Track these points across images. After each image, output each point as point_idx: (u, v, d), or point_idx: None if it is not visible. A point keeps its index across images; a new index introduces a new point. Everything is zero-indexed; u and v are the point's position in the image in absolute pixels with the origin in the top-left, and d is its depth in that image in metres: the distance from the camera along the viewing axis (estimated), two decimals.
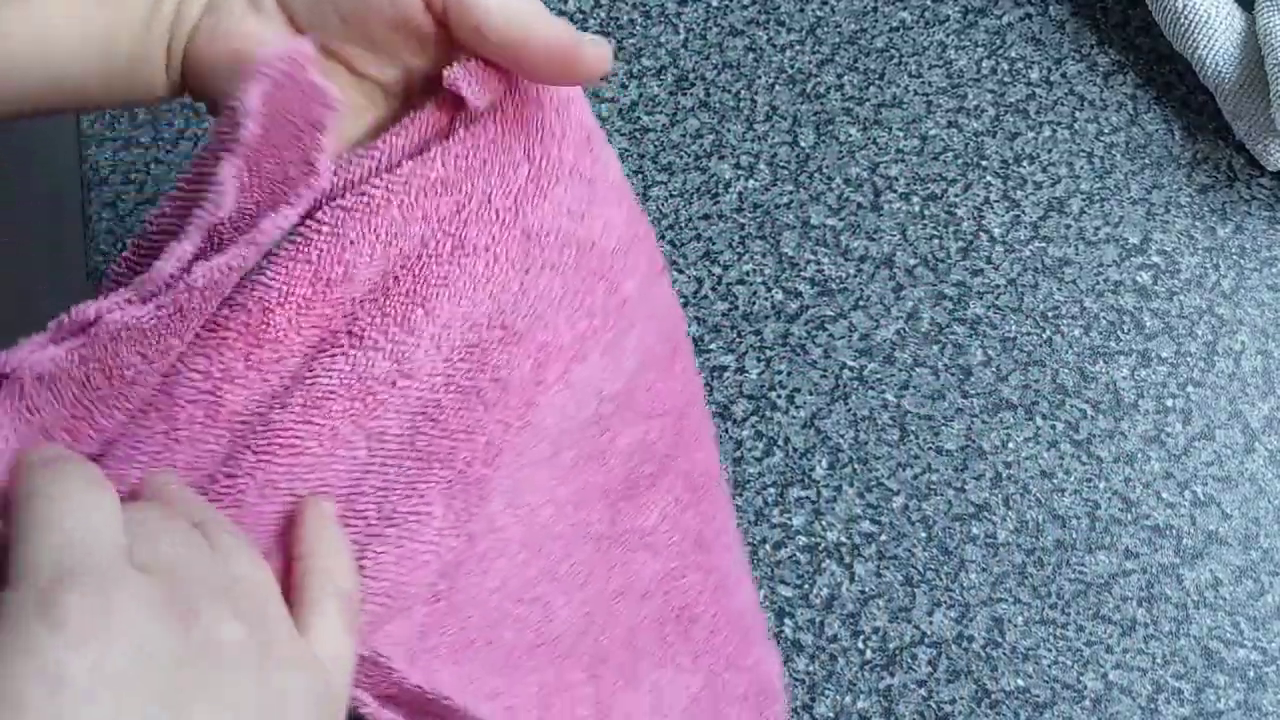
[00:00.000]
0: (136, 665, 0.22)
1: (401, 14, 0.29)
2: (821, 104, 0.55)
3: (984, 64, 0.56)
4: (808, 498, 0.48)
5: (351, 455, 0.28)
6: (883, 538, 0.47)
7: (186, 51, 0.30)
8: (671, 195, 0.54)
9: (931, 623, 0.46)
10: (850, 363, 0.50)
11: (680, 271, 0.52)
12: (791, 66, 0.56)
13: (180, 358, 0.28)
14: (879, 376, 0.50)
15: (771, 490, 0.48)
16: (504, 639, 0.30)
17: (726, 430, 0.49)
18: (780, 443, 0.49)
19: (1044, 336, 0.50)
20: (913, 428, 0.49)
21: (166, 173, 0.56)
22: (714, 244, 0.53)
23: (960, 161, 0.54)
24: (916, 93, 0.55)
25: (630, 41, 0.57)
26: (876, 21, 0.57)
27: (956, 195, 0.53)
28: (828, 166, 0.54)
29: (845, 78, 0.56)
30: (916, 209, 0.53)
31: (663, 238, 0.53)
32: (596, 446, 0.32)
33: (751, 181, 0.54)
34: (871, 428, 0.49)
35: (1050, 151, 0.54)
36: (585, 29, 0.57)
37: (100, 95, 0.31)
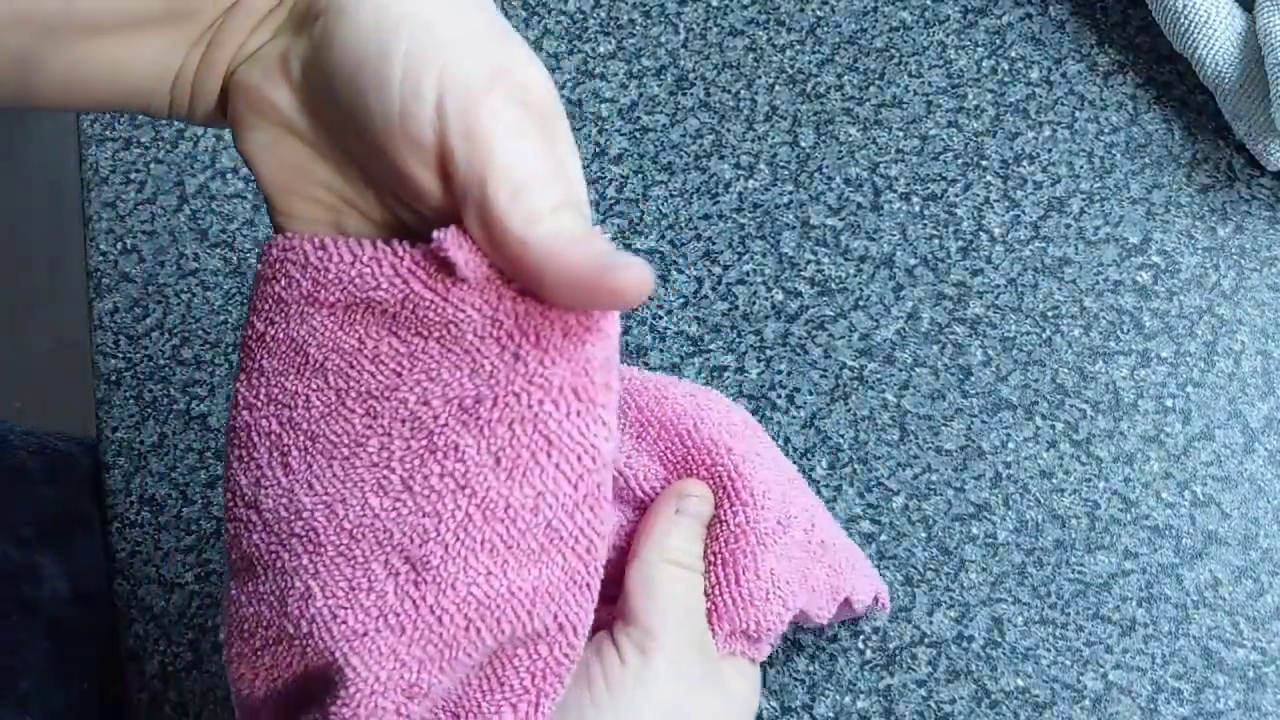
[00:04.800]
0: None
1: (408, 170, 0.28)
2: (821, 104, 0.55)
3: (984, 64, 0.56)
4: None
5: None
6: (883, 538, 0.47)
7: (225, 88, 0.31)
8: (671, 195, 0.54)
9: (931, 623, 0.46)
10: (850, 363, 0.50)
11: (680, 271, 0.52)
12: (791, 66, 0.56)
13: None
14: (879, 376, 0.50)
15: None
16: None
17: None
18: (780, 443, 0.49)
19: (1044, 336, 0.50)
20: (913, 428, 0.49)
21: (166, 172, 0.56)
22: (714, 244, 0.53)
23: (960, 161, 0.54)
24: (916, 93, 0.55)
25: (630, 41, 0.57)
26: (876, 21, 0.57)
27: (956, 195, 0.53)
28: (828, 166, 0.54)
29: (845, 78, 0.56)
30: (916, 209, 0.53)
31: (663, 237, 0.53)
32: None
33: (751, 181, 0.54)
34: (871, 428, 0.49)
35: (1050, 151, 0.54)
36: (585, 29, 0.57)
37: (157, 114, 0.32)
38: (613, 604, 0.36)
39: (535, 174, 0.27)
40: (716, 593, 0.35)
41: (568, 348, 0.29)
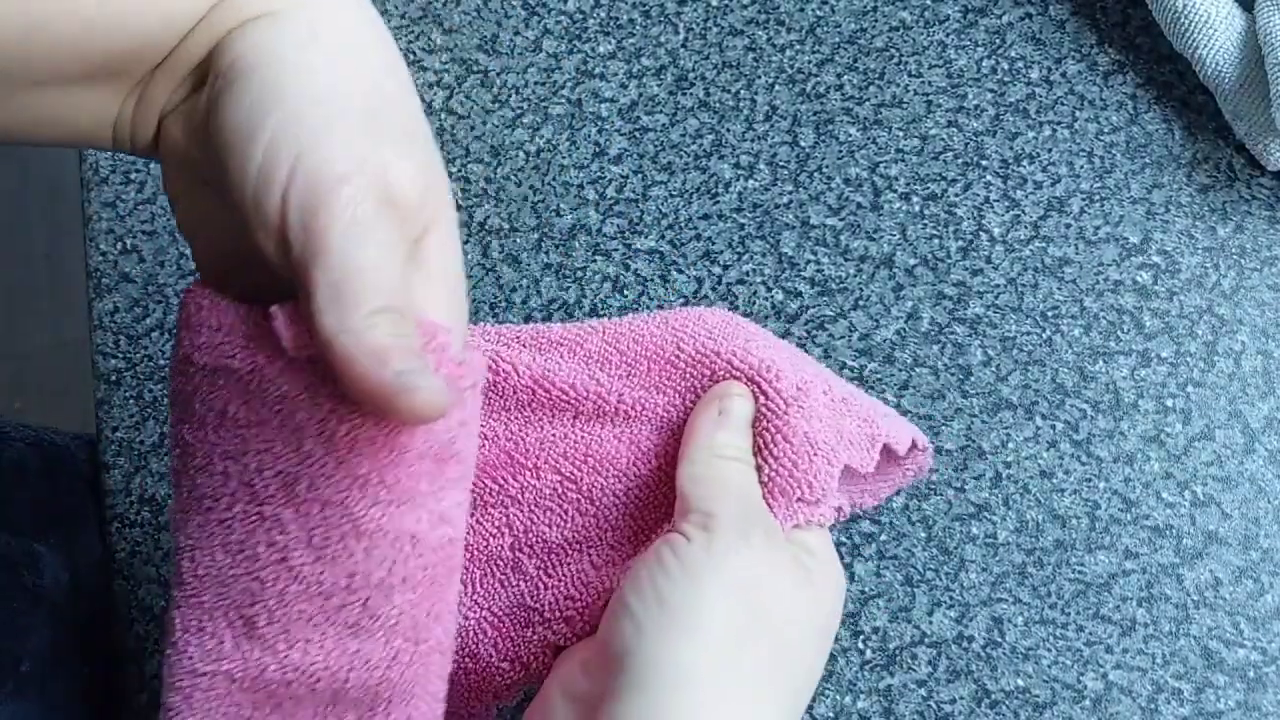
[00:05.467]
0: None
1: (261, 244, 0.29)
2: (821, 104, 0.55)
3: (984, 64, 0.56)
4: None
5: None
6: (883, 538, 0.47)
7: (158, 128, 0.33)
8: (671, 195, 0.54)
9: (931, 623, 0.46)
10: (850, 363, 0.50)
11: (680, 271, 0.52)
12: (791, 66, 0.56)
13: None
14: (879, 376, 0.50)
15: None
16: None
17: None
18: None
19: (1044, 336, 0.50)
20: None
21: None
22: (714, 244, 0.53)
23: (960, 161, 0.54)
24: (916, 92, 0.55)
25: (630, 41, 0.57)
26: (876, 21, 0.57)
27: (956, 195, 0.53)
28: (828, 166, 0.54)
29: (845, 78, 0.56)
30: (916, 209, 0.53)
31: (663, 237, 0.53)
32: None
33: (751, 181, 0.54)
34: None
35: (1050, 151, 0.54)
36: (585, 29, 0.57)
37: (103, 149, 0.34)
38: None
39: (359, 275, 0.27)
40: (761, 474, 0.36)
41: (378, 437, 0.29)
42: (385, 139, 0.29)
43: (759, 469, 0.36)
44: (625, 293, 0.52)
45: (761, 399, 0.36)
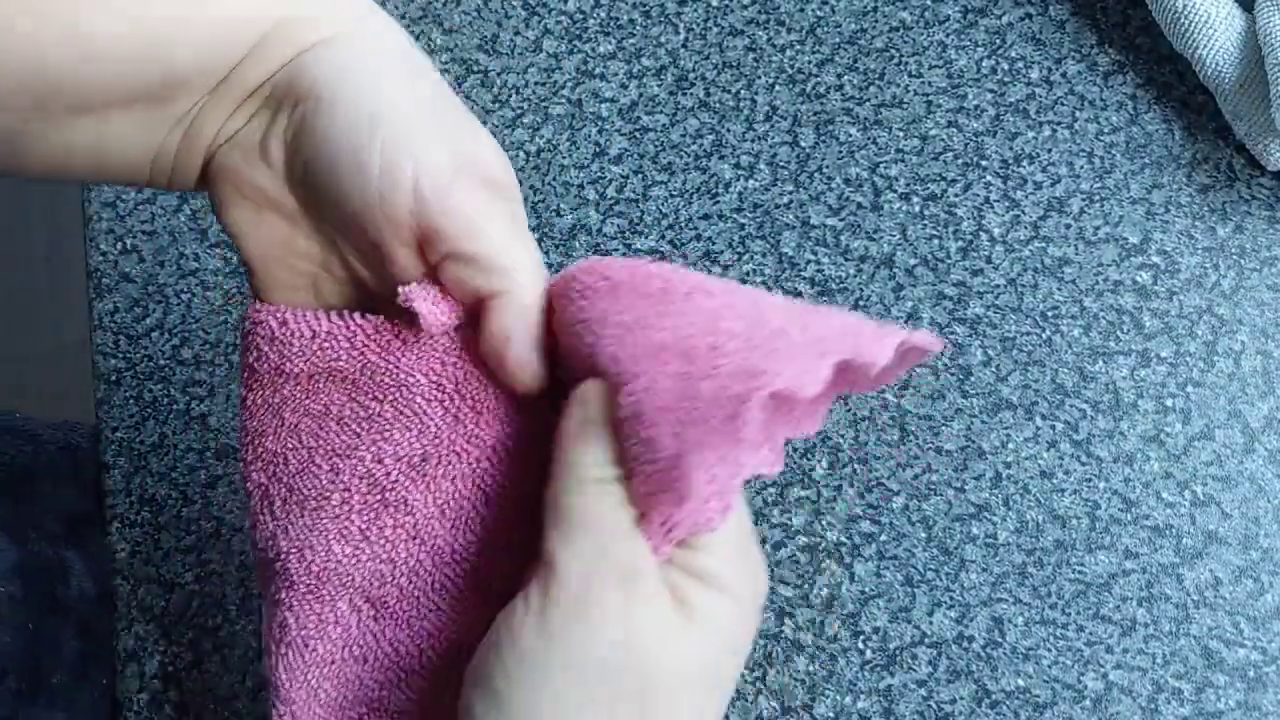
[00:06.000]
0: None
1: (384, 243, 0.31)
2: (821, 104, 0.55)
3: (984, 64, 0.56)
4: (808, 498, 0.48)
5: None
6: (883, 538, 0.47)
7: (206, 165, 0.34)
8: (671, 195, 0.54)
9: (931, 623, 0.46)
10: None
11: None
12: (791, 66, 0.56)
13: None
14: None
15: (771, 490, 0.48)
16: None
17: None
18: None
19: (1044, 336, 0.50)
20: (913, 428, 0.49)
21: None
22: (714, 244, 0.53)
23: (960, 161, 0.54)
24: (916, 93, 0.55)
25: (630, 41, 0.57)
26: (876, 21, 0.57)
27: (956, 195, 0.53)
28: (828, 166, 0.54)
29: (845, 78, 0.56)
30: (916, 209, 0.53)
31: (663, 237, 0.53)
32: None
33: (751, 181, 0.54)
34: (871, 428, 0.49)
35: (1050, 151, 0.54)
36: (585, 29, 0.57)
37: (137, 186, 0.36)
38: None
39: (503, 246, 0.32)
40: (630, 488, 0.30)
41: (500, 409, 0.32)
42: (462, 132, 0.32)
43: (627, 482, 0.30)
44: None
45: (612, 395, 0.30)
